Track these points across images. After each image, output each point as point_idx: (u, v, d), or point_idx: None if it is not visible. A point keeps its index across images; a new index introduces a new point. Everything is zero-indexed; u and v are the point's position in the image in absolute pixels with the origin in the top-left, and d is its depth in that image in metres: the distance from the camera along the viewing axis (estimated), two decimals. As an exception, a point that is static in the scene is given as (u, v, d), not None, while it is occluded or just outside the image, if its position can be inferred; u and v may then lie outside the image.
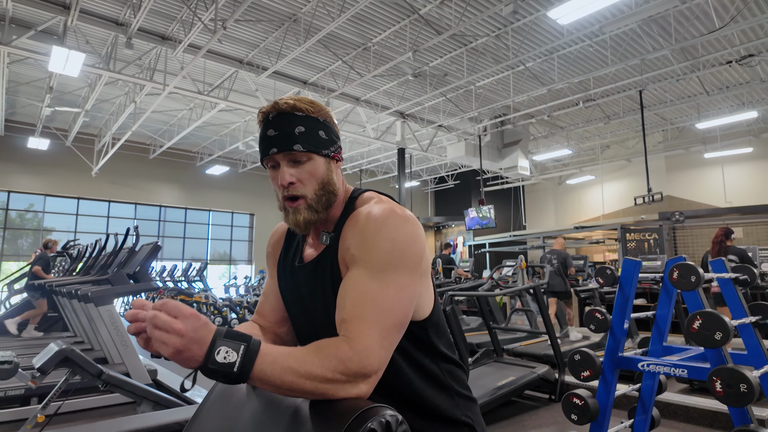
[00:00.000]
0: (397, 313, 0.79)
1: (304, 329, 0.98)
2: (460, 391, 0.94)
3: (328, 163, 0.93)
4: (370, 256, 0.81)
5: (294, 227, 0.91)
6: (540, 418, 3.60)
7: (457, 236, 18.46)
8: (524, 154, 12.14)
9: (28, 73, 9.62)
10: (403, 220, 0.85)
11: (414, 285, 0.84)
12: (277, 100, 0.91)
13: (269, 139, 0.88)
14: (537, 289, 4.24)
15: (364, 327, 0.75)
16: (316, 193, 0.90)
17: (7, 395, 3.60)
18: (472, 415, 0.94)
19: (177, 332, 0.65)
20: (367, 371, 0.72)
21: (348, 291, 0.80)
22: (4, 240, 12.93)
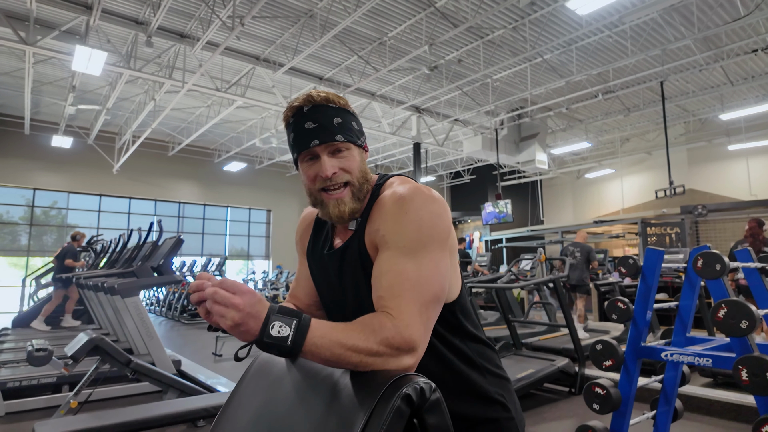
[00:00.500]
0: (433, 287, 0.81)
1: (335, 313, 1.01)
2: (491, 370, 0.96)
3: (361, 153, 0.96)
4: (401, 236, 0.83)
5: (337, 219, 0.91)
6: (560, 410, 3.59)
7: (474, 231, 18.37)
8: (542, 147, 12.01)
9: (51, 72, 9.86)
10: (429, 198, 0.86)
11: (446, 260, 0.86)
12: (310, 93, 0.92)
13: (308, 132, 0.89)
14: (557, 281, 4.21)
15: (402, 303, 0.77)
16: (359, 181, 0.92)
17: (41, 383, 3.73)
18: (505, 393, 0.95)
19: (235, 307, 0.68)
20: (410, 345, 0.74)
21: (383, 272, 0.81)
22: (30, 236, 13.30)
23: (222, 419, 0.94)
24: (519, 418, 0.97)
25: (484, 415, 0.92)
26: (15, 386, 3.62)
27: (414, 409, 0.65)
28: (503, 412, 0.93)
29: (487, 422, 0.92)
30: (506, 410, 0.94)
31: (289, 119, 0.93)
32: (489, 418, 0.92)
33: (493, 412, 0.92)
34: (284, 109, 0.95)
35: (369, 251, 0.89)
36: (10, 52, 8.85)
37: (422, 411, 0.66)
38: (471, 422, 0.90)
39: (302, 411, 0.76)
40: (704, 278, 2.10)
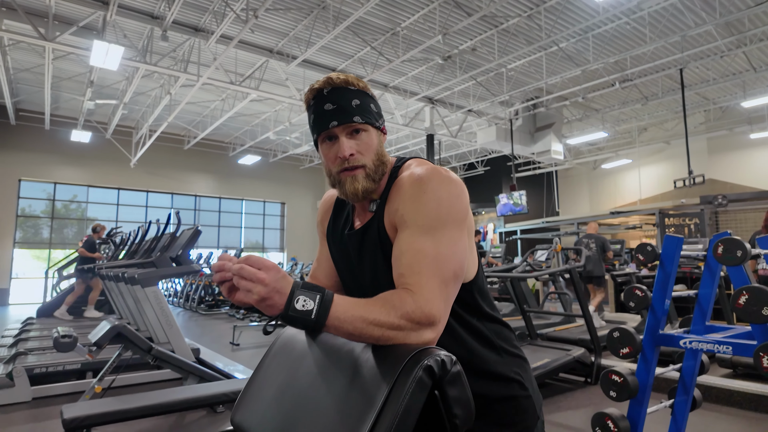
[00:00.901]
0: (452, 265, 0.82)
1: (354, 294, 1.02)
2: (508, 349, 0.97)
3: (379, 136, 0.98)
4: (419, 215, 0.84)
5: (352, 196, 0.93)
6: (575, 400, 3.59)
7: (488, 223, 18.28)
8: (557, 137, 11.85)
9: (70, 68, 10.03)
10: (446, 179, 0.88)
11: (464, 239, 0.87)
12: (330, 76, 0.94)
13: (327, 113, 0.91)
14: (573, 272, 4.18)
15: (423, 279, 0.78)
16: (374, 163, 0.94)
17: (66, 369, 3.84)
18: (522, 372, 0.96)
19: (261, 281, 0.71)
20: (430, 319, 0.76)
21: (403, 251, 0.83)
22: (52, 229, 13.62)
23: (246, 396, 0.96)
24: (536, 397, 0.98)
25: (502, 393, 0.93)
26: (41, 372, 3.74)
27: (435, 380, 0.67)
28: (520, 390, 0.94)
29: (504, 400, 0.93)
30: (523, 389, 0.95)
31: (310, 101, 0.95)
32: (506, 396, 0.93)
33: (510, 390, 0.93)
34: (302, 98, 0.97)
35: (388, 232, 0.91)
36: (30, 49, 9.03)
37: (443, 383, 0.67)
38: (488, 400, 0.91)
39: (325, 386, 0.78)
40: (725, 265, 2.07)
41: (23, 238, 13.19)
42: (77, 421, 2.19)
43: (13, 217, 12.75)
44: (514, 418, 0.93)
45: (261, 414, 0.87)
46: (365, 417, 0.65)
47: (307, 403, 0.78)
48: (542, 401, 1.01)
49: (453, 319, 0.90)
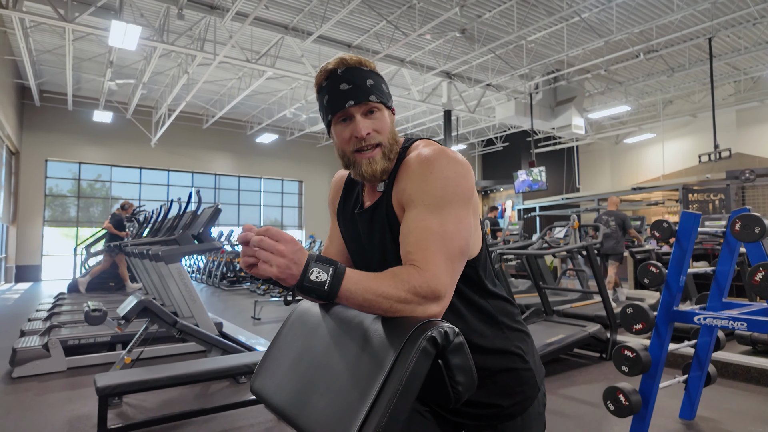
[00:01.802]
0: (458, 242, 0.85)
1: (363, 268, 1.06)
2: (509, 324, 0.99)
3: (391, 116, 0.99)
4: (426, 194, 0.86)
5: (370, 178, 0.95)
6: (590, 374, 3.62)
7: (506, 200, 18.12)
8: (579, 112, 11.58)
9: (90, 48, 10.15)
10: (453, 159, 0.90)
11: (469, 217, 0.89)
12: (343, 56, 0.94)
13: (343, 93, 0.92)
14: (590, 248, 4.16)
15: (429, 255, 0.81)
16: (389, 142, 0.95)
17: (97, 341, 4.03)
18: (523, 346, 0.99)
19: (280, 253, 0.75)
20: (436, 294, 0.79)
21: (410, 229, 0.86)
22: (78, 208, 14.03)
23: (264, 365, 1.02)
24: (537, 369, 1.01)
25: (503, 366, 0.96)
26: (75, 344, 3.93)
27: (439, 350, 0.71)
28: (521, 363, 0.98)
29: (505, 372, 0.96)
30: (524, 361, 0.98)
31: (322, 83, 0.96)
32: (507, 368, 0.96)
33: (511, 362, 0.97)
34: (316, 76, 0.98)
35: (396, 211, 0.93)
36: (51, 30, 9.15)
37: (446, 352, 0.71)
38: (489, 372, 0.95)
39: (338, 353, 0.82)
40: (742, 241, 2.04)
41: (52, 217, 13.63)
42: (109, 389, 2.32)
43: (42, 197, 13.16)
44: (514, 388, 0.96)
45: (278, 380, 0.93)
46: (375, 380, 0.69)
47: (321, 368, 0.83)
48: (544, 373, 1.05)
49: (457, 297, 0.94)
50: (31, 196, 12.90)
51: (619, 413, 2.25)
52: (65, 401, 3.10)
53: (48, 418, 2.80)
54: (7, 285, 11.61)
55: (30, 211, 12.88)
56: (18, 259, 12.57)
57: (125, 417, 2.81)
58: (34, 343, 3.81)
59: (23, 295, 9.29)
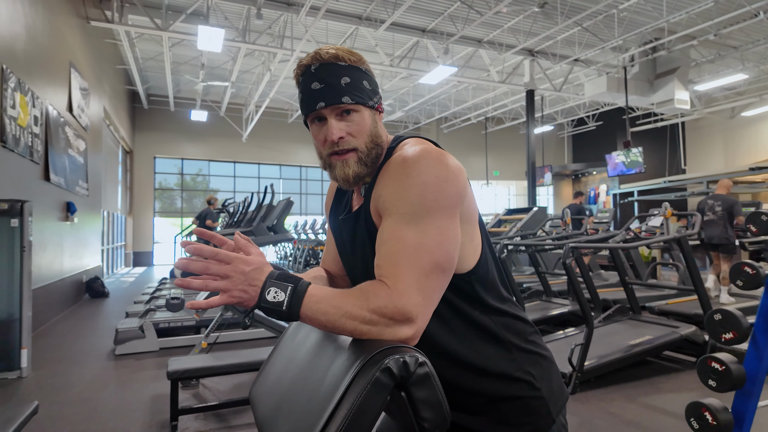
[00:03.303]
0: (436, 256, 0.75)
1: (352, 280, 0.99)
2: (519, 345, 0.87)
3: (374, 115, 0.89)
4: (401, 201, 0.77)
5: (342, 182, 0.88)
6: (680, 382, 3.22)
7: (599, 184, 16.81)
8: (683, 84, 10.31)
9: (185, 53, 11.03)
10: (435, 161, 0.78)
11: (453, 227, 0.78)
12: (318, 50, 0.86)
13: (314, 93, 0.84)
14: (683, 240, 3.67)
15: (399, 272, 0.72)
16: (367, 146, 0.86)
17: (184, 325, 4.41)
18: (534, 370, 0.87)
19: (227, 276, 0.71)
20: (404, 315, 0.70)
21: (384, 240, 0.77)
22: (183, 200, 15.48)
23: (262, 372, 1.00)
24: (553, 397, 0.87)
25: (506, 393, 0.84)
26: (165, 327, 4.33)
27: (397, 381, 0.62)
28: (529, 391, 0.85)
29: (508, 399, 0.84)
30: (533, 388, 0.85)
31: (299, 78, 0.88)
32: (511, 395, 0.84)
33: (516, 389, 0.84)
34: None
35: (374, 218, 0.85)
36: (151, 39, 10.07)
37: (407, 384, 0.62)
38: (489, 398, 0.84)
39: (309, 372, 0.77)
40: None
41: (161, 208, 15.19)
42: (178, 374, 2.50)
43: (152, 190, 14.69)
44: (520, 419, 0.84)
45: (267, 390, 0.90)
46: (324, 412, 0.62)
47: (294, 387, 0.79)
48: (564, 401, 0.90)
49: (450, 311, 0.83)
50: (143, 190, 14.46)
51: (705, 434, 1.95)
52: (153, 379, 3.42)
53: (136, 395, 3.11)
54: (126, 269, 13.18)
55: (143, 204, 14.46)
56: (134, 246, 14.21)
57: (200, 398, 3.03)
58: (133, 325, 4.25)
59: (137, 279, 10.49)
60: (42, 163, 5.22)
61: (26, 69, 4.78)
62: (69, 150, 6.34)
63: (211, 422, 2.66)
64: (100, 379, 3.45)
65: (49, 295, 5.47)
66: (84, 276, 7.34)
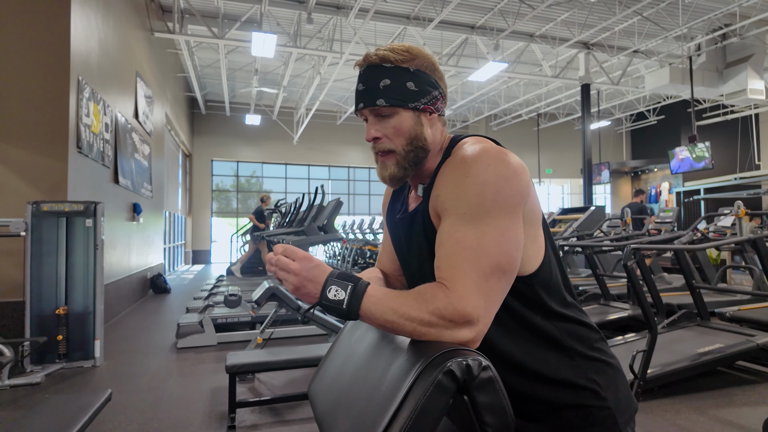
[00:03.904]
0: (496, 258, 0.73)
1: (409, 280, 1.00)
2: (583, 352, 0.84)
3: (418, 117, 0.87)
4: (460, 202, 0.76)
5: (383, 182, 0.91)
6: (757, 395, 2.97)
7: (661, 182, 15.88)
8: (757, 72, 9.53)
9: (239, 60, 11.47)
10: (495, 159, 0.77)
11: (515, 228, 0.76)
12: (369, 52, 0.88)
13: (358, 94, 0.88)
14: (760, 241, 3.39)
15: (458, 274, 0.72)
16: (404, 149, 0.86)
17: (240, 321, 4.58)
18: (600, 380, 0.83)
19: (293, 272, 0.75)
20: (464, 318, 0.69)
21: (442, 241, 0.77)
22: (238, 201, 16.11)
23: (321, 368, 1.02)
24: (620, 408, 0.82)
25: (568, 401, 0.81)
26: (223, 322, 4.52)
27: (460, 385, 0.61)
28: (594, 400, 0.81)
29: (571, 408, 0.81)
30: (599, 398, 0.81)
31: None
32: (574, 404, 0.81)
33: (580, 398, 0.81)
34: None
35: (432, 218, 0.84)
36: (209, 47, 10.55)
37: (470, 388, 0.61)
38: (551, 406, 0.81)
39: (368, 371, 0.77)
40: None
41: (218, 209, 15.89)
42: (236, 368, 2.60)
43: (209, 192, 15.40)
44: (583, 428, 0.80)
45: (325, 387, 0.92)
46: (385, 412, 0.62)
47: (353, 385, 0.79)
48: (633, 411, 0.85)
49: (510, 316, 0.81)
50: (201, 191, 15.18)
51: (788, 452, 1.79)
52: (212, 372, 3.57)
53: (197, 386, 3.26)
54: (186, 266, 13.89)
55: (201, 204, 15.18)
56: (193, 245, 14.95)
57: (255, 392, 3.14)
58: (193, 320, 4.47)
59: (196, 276, 11.02)
60: (112, 167, 5.60)
61: (99, 80, 5.14)
62: (135, 154, 6.76)
63: (267, 416, 2.75)
64: (165, 370, 3.65)
65: (118, 291, 5.86)
66: (148, 273, 7.80)
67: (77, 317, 3.74)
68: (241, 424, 2.63)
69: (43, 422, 1.74)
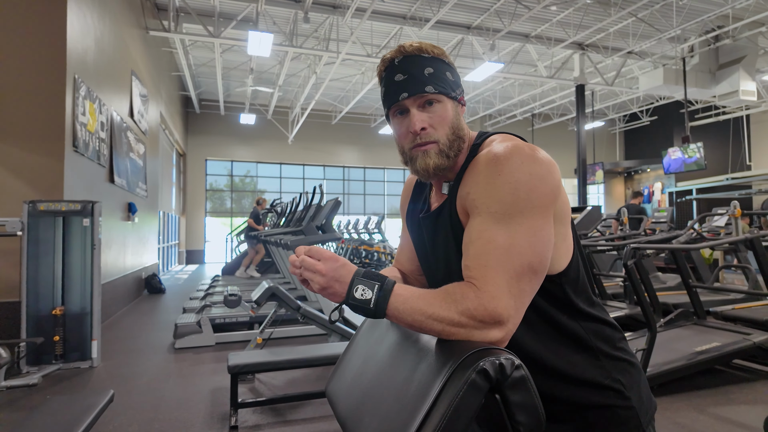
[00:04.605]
0: (529, 257, 0.73)
1: (430, 279, 0.99)
2: (608, 352, 0.84)
3: (456, 107, 0.88)
4: (492, 200, 0.75)
5: (422, 173, 0.87)
6: (754, 393, 3.01)
7: (654, 182, 16.01)
8: (749, 74, 9.64)
9: (235, 59, 11.41)
10: (529, 157, 0.76)
11: (547, 228, 0.76)
12: (402, 44, 0.87)
13: (397, 84, 0.85)
14: (756, 241, 3.43)
15: (489, 273, 0.71)
16: (449, 138, 0.85)
17: (238, 321, 4.56)
18: (624, 379, 0.83)
19: (319, 272, 0.74)
20: (495, 318, 0.69)
21: (472, 239, 0.76)
22: (232, 200, 16.03)
23: (338, 368, 1.02)
24: (643, 408, 0.83)
25: (594, 401, 0.82)
26: (221, 322, 4.50)
27: (493, 384, 0.61)
28: (618, 400, 0.82)
29: (596, 408, 0.81)
30: (623, 398, 0.82)
31: (382, 73, 0.89)
32: (600, 404, 0.81)
33: (605, 398, 0.82)
34: (378, 66, 0.92)
35: (460, 216, 0.83)
36: (204, 46, 10.49)
37: (503, 387, 0.61)
38: (576, 406, 0.81)
39: (393, 369, 0.77)
40: None
41: (212, 209, 15.79)
42: (238, 368, 2.59)
43: (203, 191, 15.30)
44: (608, 428, 0.81)
45: (346, 388, 0.91)
46: (419, 410, 0.62)
47: (378, 384, 0.79)
48: (654, 411, 0.85)
49: (536, 315, 0.81)
50: (195, 191, 15.09)
51: (790, 449, 1.82)
52: (211, 372, 3.56)
53: (197, 387, 3.24)
54: (180, 266, 13.80)
55: (195, 204, 15.09)
56: (187, 245, 14.85)
57: (256, 393, 3.13)
58: (191, 320, 4.44)
59: (190, 276, 10.96)
60: (107, 166, 5.55)
61: (95, 78, 5.10)
62: (130, 153, 6.70)
63: (269, 416, 2.74)
64: (163, 371, 3.63)
65: (114, 291, 5.81)
66: (143, 273, 7.75)
67: (74, 318, 3.71)
68: (243, 425, 2.62)
69: (47, 423, 1.73)
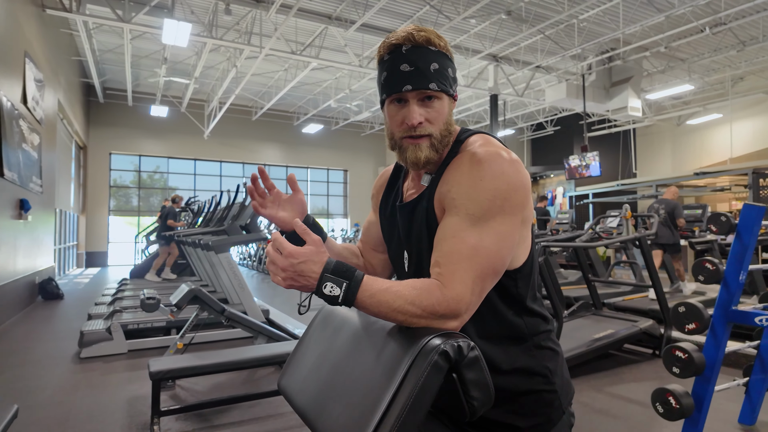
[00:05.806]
0: (493, 261, 0.78)
1: (400, 268, 1.02)
2: (540, 344, 0.92)
3: (451, 103, 0.91)
4: (471, 203, 0.79)
5: (412, 164, 0.89)
6: (641, 372, 3.46)
7: (557, 187, 17.49)
8: (636, 92, 10.92)
9: (146, 46, 10.64)
10: (509, 165, 0.81)
11: (514, 233, 0.82)
12: (411, 31, 0.86)
13: (403, 75, 0.84)
14: (643, 240, 3.94)
15: (457, 273, 0.76)
16: (441, 133, 0.88)
17: (154, 326, 4.29)
18: (550, 365, 0.92)
19: (280, 268, 0.76)
20: (456, 313, 0.75)
21: (446, 236, 0.79)
22: (140, 198, 14.90)
23: (291, 362, 1.05)
24: (564, 391, 0.94)
25: (525, 387, 0.90)
26: (134, 328, 4.21)
27: (452, 364, 0.69)
28: (545, 384, 0.91)
29: (526, 394, 0.90)
30: (549, 383, 0.91)
31: (384, 56, 0.88)
32: (529, 389, 0.90)
33: (533, 384, 0.90)
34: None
35: (436, 211, 0.87)
36: (111, 31, 9.66)
37: (460, 366, 0.69)
38: (511, 393, 0.89)
39: (355, 358, 0.83)
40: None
41: (116, 207, 14.56)
42: (161, 374, 2.47)
43: (107, 188, 14.07)
44: (535, 410, 0.90)
45: (302, 381, 0.95)
46: (385, 392, 0.69)
47: (340, 373, 0.84)
48: (572, 394, 0.97)
49: (487, 309, 0.86)
50: (97, 187, 13.82)
51: (669, 416, 2.13)
52: (126, 381, 3.32)
53: (110, 397, 3.02)
54: (79, 270, 12.56)
55: (97, 202, 13.82)
56: (87, 246, 13.56)
57: (178, 399, 2.99)
58: (99, 327, 4.10)
59: (92, 280, 10.03)
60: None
61: (-19, 58, 4.51)
62: (23, 144, 6.01)
63: (194, 422, 2.64)
64: (69, 382, 3.33)
65: (1, 297, 5.18)
66: (37, 277, 6.97)
67: (-43, 328, 3.27)
68: (166, 433, 2.50)
69: (-59, 446, 1.54)
